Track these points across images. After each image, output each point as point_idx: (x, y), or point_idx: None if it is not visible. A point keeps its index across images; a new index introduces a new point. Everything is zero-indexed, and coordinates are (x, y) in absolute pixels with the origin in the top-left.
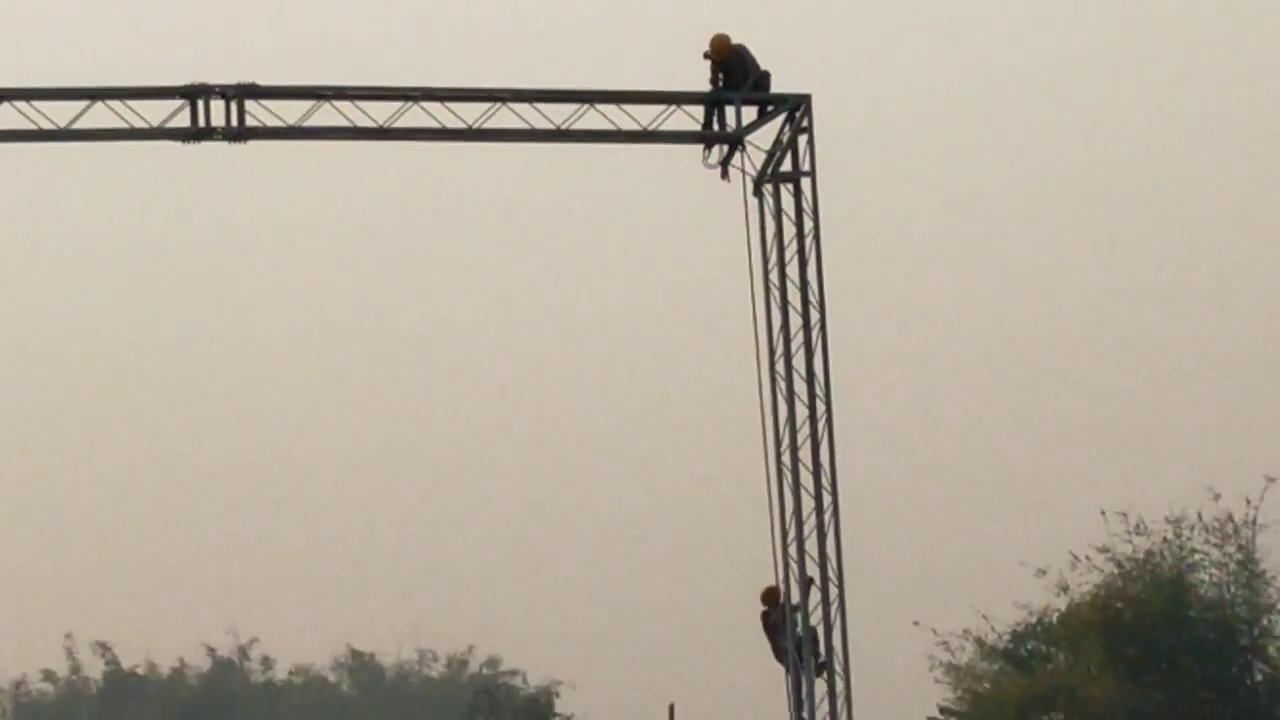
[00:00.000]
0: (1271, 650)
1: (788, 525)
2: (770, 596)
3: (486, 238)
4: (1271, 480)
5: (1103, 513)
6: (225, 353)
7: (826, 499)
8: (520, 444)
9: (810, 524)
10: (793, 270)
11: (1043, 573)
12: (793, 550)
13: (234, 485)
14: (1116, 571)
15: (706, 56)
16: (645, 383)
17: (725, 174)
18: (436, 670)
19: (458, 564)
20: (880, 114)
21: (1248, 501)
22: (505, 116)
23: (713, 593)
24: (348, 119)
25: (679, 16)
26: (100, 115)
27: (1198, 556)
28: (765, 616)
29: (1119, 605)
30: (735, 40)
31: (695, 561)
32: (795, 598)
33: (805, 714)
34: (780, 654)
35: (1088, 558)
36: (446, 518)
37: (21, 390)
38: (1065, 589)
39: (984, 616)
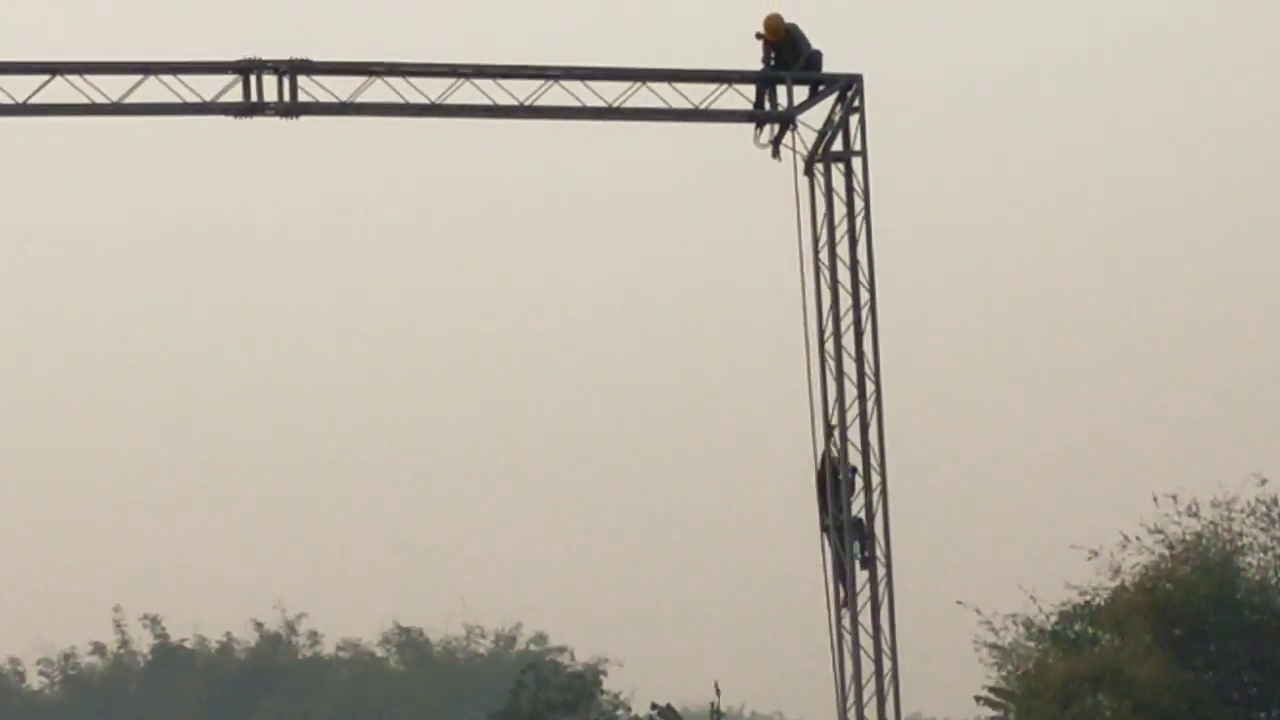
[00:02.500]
0: None
1: (840, 510)
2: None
3: (536, 215)
4: None
5: (1155, 498)
6: (277, 327)
7: (875, 479)
8: (568, 424)
9: (858, 506)
10: (843, 250)
11: (1094, 554)
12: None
13: (282, 461)
14: (1168, 553)
15: (759, 36)
16: (694, 366)
17: (776, 153)
18: (484, 646)
19: (505, 540)
20: (931, 94)
21: None
22: (557, 94)
23: (760, 574)
24: (399, 95)
25: None
26: (153, 90)
27: (1246, 540)
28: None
29: (1168, 587)
30: (788, 19)
31: (741, 544)
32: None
33: (845, 588)
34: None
35: (1139, 538)
36: (493, 493)
37: (73, 360)
38: (1118, 570)
39: (1032, 597)
